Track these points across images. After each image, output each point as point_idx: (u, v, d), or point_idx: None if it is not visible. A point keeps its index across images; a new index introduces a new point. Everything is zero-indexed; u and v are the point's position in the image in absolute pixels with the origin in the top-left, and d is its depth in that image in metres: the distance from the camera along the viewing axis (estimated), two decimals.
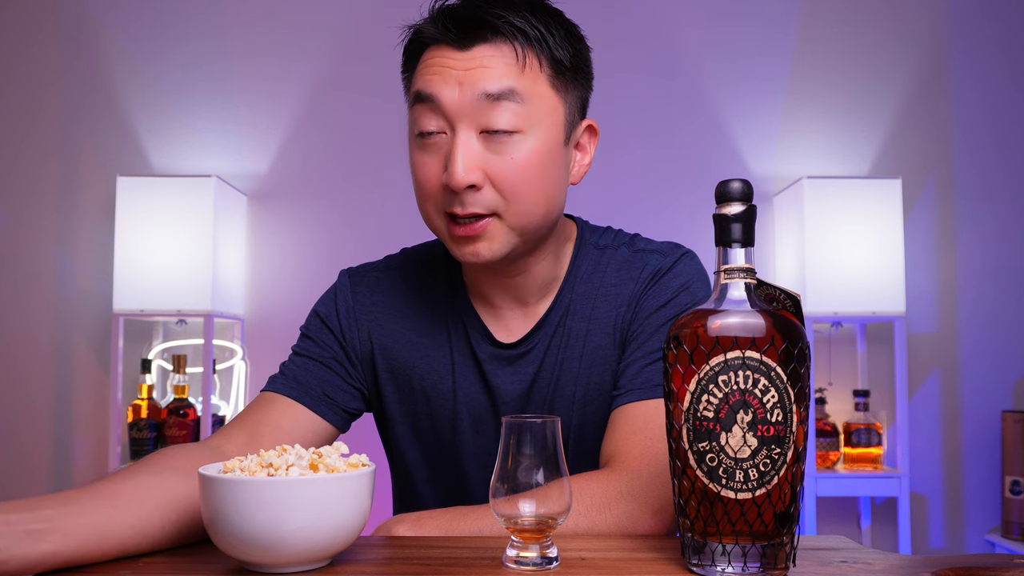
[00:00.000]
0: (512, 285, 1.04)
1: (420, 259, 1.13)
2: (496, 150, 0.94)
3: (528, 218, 0.96)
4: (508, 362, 1.05)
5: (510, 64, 0.94)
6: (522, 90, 0.94)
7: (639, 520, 0.87)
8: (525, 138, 0.94)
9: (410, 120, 0.98)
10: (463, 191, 0.93)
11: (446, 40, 0.95)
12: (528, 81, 0.94)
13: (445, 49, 0.95)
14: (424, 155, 0.96)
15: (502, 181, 0.94)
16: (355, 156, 2.61)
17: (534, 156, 0.95)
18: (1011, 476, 2.43)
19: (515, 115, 0.93)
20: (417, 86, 0.96)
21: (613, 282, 1.06)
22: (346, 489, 0.69)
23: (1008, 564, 0.72)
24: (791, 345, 0.67)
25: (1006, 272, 2.61)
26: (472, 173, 0.92)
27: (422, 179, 0.97)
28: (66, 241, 2.58)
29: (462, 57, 0.94)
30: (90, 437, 2.53)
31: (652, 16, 2.64)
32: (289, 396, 1.03)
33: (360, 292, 1.10)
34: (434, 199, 0.97)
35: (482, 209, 0.94)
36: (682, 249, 1.08)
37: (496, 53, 0.94)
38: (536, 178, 0.95)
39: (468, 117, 0.93)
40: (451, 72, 0.93)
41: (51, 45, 2.61)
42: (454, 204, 0.94)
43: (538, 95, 0.95)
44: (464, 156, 0.92)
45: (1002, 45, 2.65)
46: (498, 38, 0.94)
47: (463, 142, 0.93)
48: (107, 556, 0.72)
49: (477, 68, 0.93)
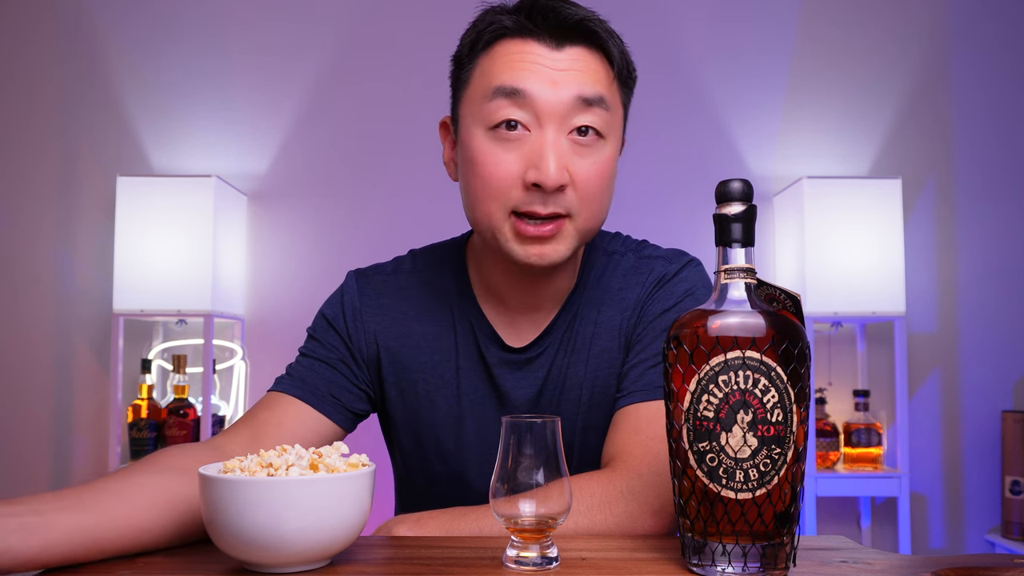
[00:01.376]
0: (533, 291, 1.04)
1: (428, 262, 1.12)
2: (581, 153, 0.94)
3: (594, 223, 0.98)
4: (518, 366, 1.05)
5: (603, 72, 0.95)
6: (610, 99, 0.95)
7: (639, 520, 0.87)
8: (606, 144, 0.96)
9: (479, 110, 0.95)
10: (551, 191, 0.92)
11: (536, 35, 0.93)
12: (612, 89, 0.96)
13: (533, 44, 0.93)
14: (499, 149, 0.93)
15: (584, 184, 0.94)
16: (355, 156, 2.60)
17: (609, 163, 0.97)
18: (1011, 476, 2.43)
19: (603, 120, 0.95)
20: (502, 79, 0.93)
21: (619, 287, 1.06)
22: (346, 489, 0.69)
23: (1008, 564, 0.72)
24: (791, 345, 0.67)
25: (1006, 272, 2.61)
26: (564, 173, 0.92)
27: (494, 174, 0.94)
28: (66, 241, 2.58)
29: (554, 56, 0.93)
30: (90, 437, 2.53)
31: (652, 15, 2.64)
32: (294, 395, 1.02)
33: (367, 294, 1.10)
34: (503, 196, 0.94)
35: (563, 210, 0.94)
36: (688, 256, 1.08)
37: (590, 59, 0.94)
38: (609, 185, 0.98)
39: (560, 117, 0.93)
40: (544, 69, 0.92)
41: (50, 45, 2.61)
42: (534, 203, 0.93)
43: (616, 104, 0.98)
44: (557, 154, 0.92)
45: (1002, 44, 2.65)
46: (591, 44, 0.95)
47: (554, 140, 0.92)
48: (104, 554, 0.72)
49: (573, 70, 0.93)
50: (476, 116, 0.95)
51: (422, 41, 2.60)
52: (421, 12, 2.61)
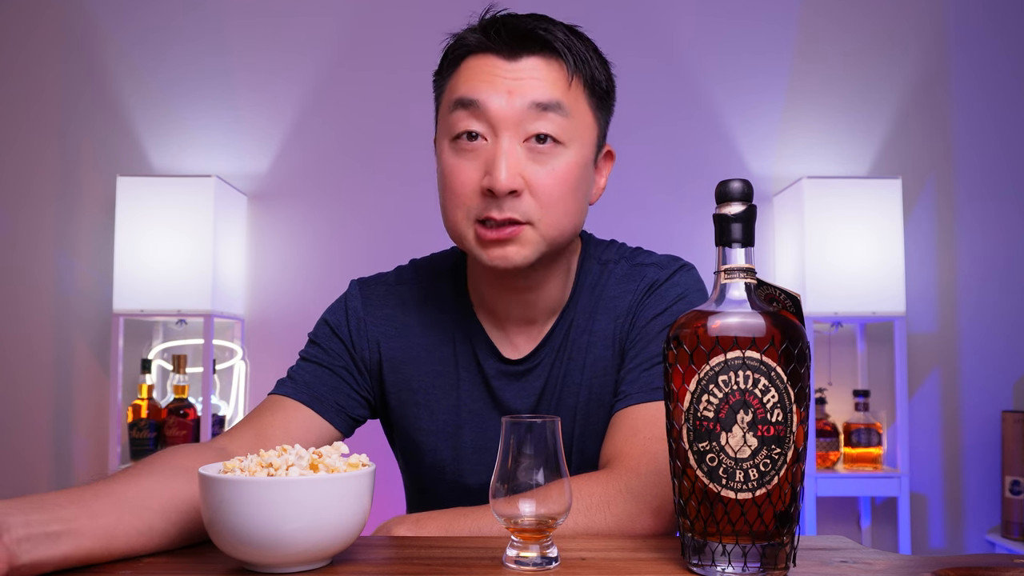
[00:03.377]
0: (524, 302, 1.05)
1: (429, 273, 1.14)
2: (537, 160, 0.95)
3: (559, 229, 0.98)
4: (516, 378, 1.06)
5: (559, 78, 0.96)
6: (568, 104, 0.96)
7: (638, 519, 0.87)
8: (566, 151, 0.96)
9: (445, 124, 0.99)
10: (503, 196, 0.94)
11: (494, 50, 0.96)
12: (572, 96, 0.97)
13: (492, 58, 0.96)
14: (460, 160, 0.97)
15: (541, 190, 0.95)
16: (355, 156, 2.60)
17: (572, 169, 0.97)
18: (1011, 476, 2.43)
19: (559, 126, 0.95)
20: (461, 91, 0.97)
21: (612, 295, 1.07)
22: (346, 489, 0.69)
23: (1008, 564, 0.72)
24: (791, 345, 0.67)
25: (1006, 272, 2.61)
26: (515, 179, 0.94)
27: (455, 184, 0.97)
28: (66, 241, 2.58)
29: (510, 67, 0.96)
30: (90, 437, 2.53)
31: (651, 16, 2.64)
32: (299, 400, 1.03)
33: (371, 304, 1.11)
34: (465, 205, 0.97)
35: (519, 216, 0.95)
36: (680, 262, 1.09)
37: (545, 66, 0.96)
38: (571, 191, 0.97)
39: (514, 124, 0.95)
40: (499, 80, 0.95)
41: (50, 44, 2.61)
42: (491, 209, 0.95)
43: (579, 111, 0.98)
44: (509, 161, 0.94)
45: (1002, 44, 2.65)
46: (547, 52, 0.96)
47: (507, 147, 0.94)
48: (114, 556, 0.72)
49: (527, 79, 0.95)
50: (443, 129, 1.00)
51: (422, 41, 2.59)
52: (422, 12, 2.61)
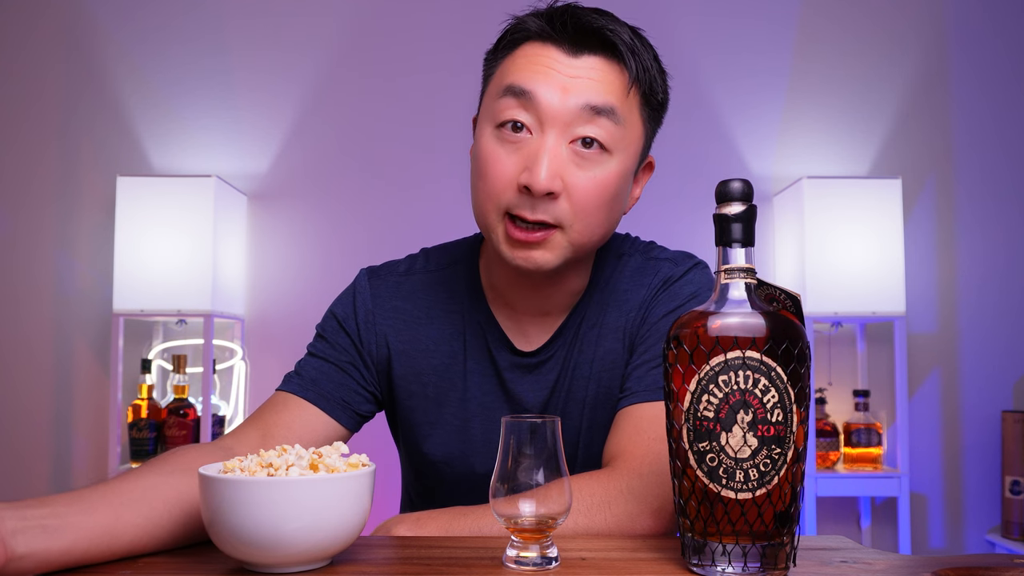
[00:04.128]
0: (542, 296, 1.04)
1: (441, 262, 1.12)
2: (581, 164, 0.93)
3: (589, 237, 0.96)
4: (528, 370, 1.05)
5: (618, 83, 0.93)
6: (621, 112, 0.93)
7: (638, 519, 0.87)
8: (611, 159, 0.94)
9: (491, 108, 0.96)
10: (540, 196, 0.91)
11: (555, 41, 0.93)
12: (628, 104, 0.94)
13: (552, 49, 0.93)
14: (501, 149, 0.94)
15: (579, 196, 0.93)
16: (355, 156, 2.60)
17: (612, 179, 0.94)
18: (1011, 476, 2.43)
19: (610, 133, 0.93)
20: (513, 78, 0.93)
21: (625, 288, 1.06)
22: (346, 489, 0.69)
23: (1008, 564, 0.72)
24: (791, 345, 0.67)
25: (1006, 272, 2.61)
26: (555, 180, 0.91)
27: (492, 173, 0.94)
28: (66, 241, 2.58)
29: (570, 62, 0.92)
30: (90, 437, 2.53)
31: (651, 16, 2.63)
32: (305, 398, 1.02)
33: (380, 296, 1.09)
34: (498, 197, 0.94)
35: (551, 218, 0.93)
36: (694, 259, 1.08)
37: (606, 68, 0.93)
38: (609, 201, 0.95)
39: (563, 123, 0.92)
40: (556, 74, 0.92)
41: (51, 45, 2.61)
42: (523, 207, 0.92)
43: (631, 121, 0.95)
44: (552, 160, 0.91)
45: (1002, 44, 2.65)
46: (610, 54, 0.93)
47: (553, 146, 0.91)
48: (115, 555, 0.72)
49: (585, 78, 0.92)
50: (488, 113, 0.96)
51: (423, 41, 2.59)
52: (422, 12, 2.61)
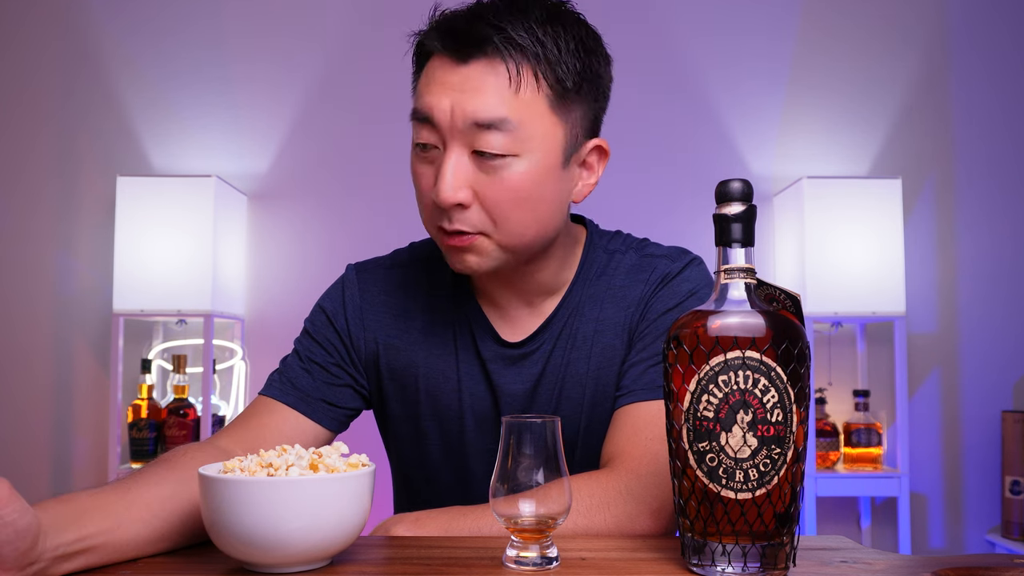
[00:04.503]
0: (518, 287, 1.04)
1: (427, 255, 1.12)
2: (487, 171, 0.92)
3: (518, 239, 0.95)
4: (512, 362, 1.05)
5: (503, 86, 0.90)
6: (515, 116, 0.90)
7: (638, 520, 0.87)
8: (518, 161, 0.92)
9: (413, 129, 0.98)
10: (450, 208, 0.93)
11: (446, 51, 0.92)
12: (522, 104, 0.91)
13: (445, 61, 0.93)
14: (422, 166, 0.96)
15: (491, 203, 0.92)
16: (355, 156, 2.60)
17: (525, 179, 0.92)
18: (1011, 476, 2.43)
19: (506, 140, 0.91)
20: (417, 102, 0.95)
21: (621, 284, 1.06)
22: (346, 489, 0.69)
23: (1008, 564, 0.72)
24: (791, 345, 0.67)
25: (1006, 272, 2.61)
26: (460, 192, 0.91)
27: (419, 190, 0.98)
28: (66, 241, 2.58)
29: (459, 73, 0.91)
30: (90, 437, 2.53)
31: (651, 17, 2.64)
32: (286, 403, 1.02)
33: (368, 291, 1.09)
34: (427, 212, 0.97)
35: (468, 228, 0.93)
36: (690, 255, 1.08)
37: (491, 72, 0.90)
38: (526, 201, 0.93)
39: (460, 137, 0.91)
40: (445, 90, 0.91)
41: (50, 45, 2.61)
42: (442, 219, 0.94)
43: (533, 118, 0.92)
44: (453, 175, 0.91)
45: (1002, 44, 2.65)
46: (494, 54, 0.90)
47: (453, 160, 0.92)
48: (125, 558, 0.73)
49: (470, 90, 0.90)
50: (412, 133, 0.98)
51: None
52: (422, 12, 2.61)
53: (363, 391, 1.09)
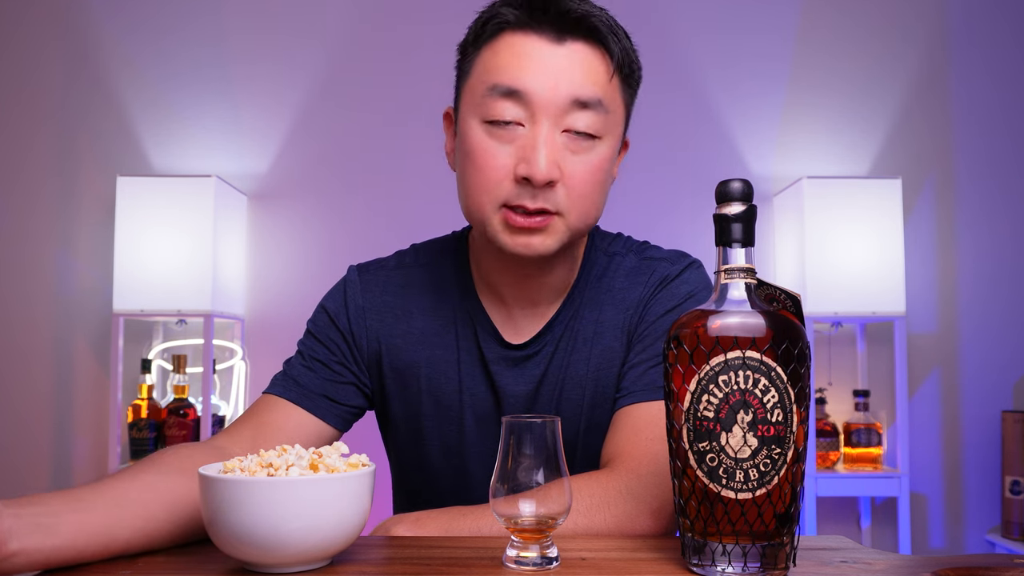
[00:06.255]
0: (530, 286, 1.04)
1: (430, 256, 1.12)
2: (574, 150, 0.93)
3: (585, 221, 0.97)
4: (514, 363, 1.05)
5: (602, 70, 0.94)
6: (607, 100, 0.94)
7: (637, 520, 0.87)
8: (601, 143, 0.95)
9: (476, 103, 0.95)
10: (542, 186, 0.92)
11: (536, 29, 0.93)
12: (612, 88, 0.95)
13: (533, 38, 0.93)
14: (493, 143, 0.94)
15: (576, 182, 0.94)
16: (355, 156, 2.60)
17: (605, 162, 0.96)
18: (1011, 476, 2.43)
19: (598, 121, 0.94)
20: (500, 77, 0.93)
21: (621, 287, 1.06)
22: (346, 489, 0.69)
23: (1008, 564, 0.72)
24: (791, 345, 0.67)
25: (1006, 272, 2.61)
26: (554, 169, 0.92)
27: (487, 167, 0.94)
28: (66, 241, 2.58)
29: (554, 52, 0.92)
30: (90, 437, 2.53)
31: (652, 17, 2.64)
32: (288, 399, 1.02)
33: (370, 292, 1.09)
34: (494, 190, 0.94)
35: (551, 206, 0.93)
36: (689, 258, 1.08)
37: (590, 55, 0.93)
38: (602, 183, 0.97)
39: (555, 114, 0.92)
40: (543, 67, 0.92)
41: (52, 45, 2.61)
42: (523, 197, 0.93)
43: (616, 103, 0.96)
44: (548, 151, 0.92)
45: (1002, 44, 2.65)
46: (593, 39, 0.93)
47: (547, 136, 0.92)
48: (112, 554, 0.72)
49: (572, 68, 0.92)
50: (474, 109, 0.95)
51: (423, 41, 2.59)
52: (422, 13, 2.61)
53: (366, 390, 1.09)
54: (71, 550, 0.69)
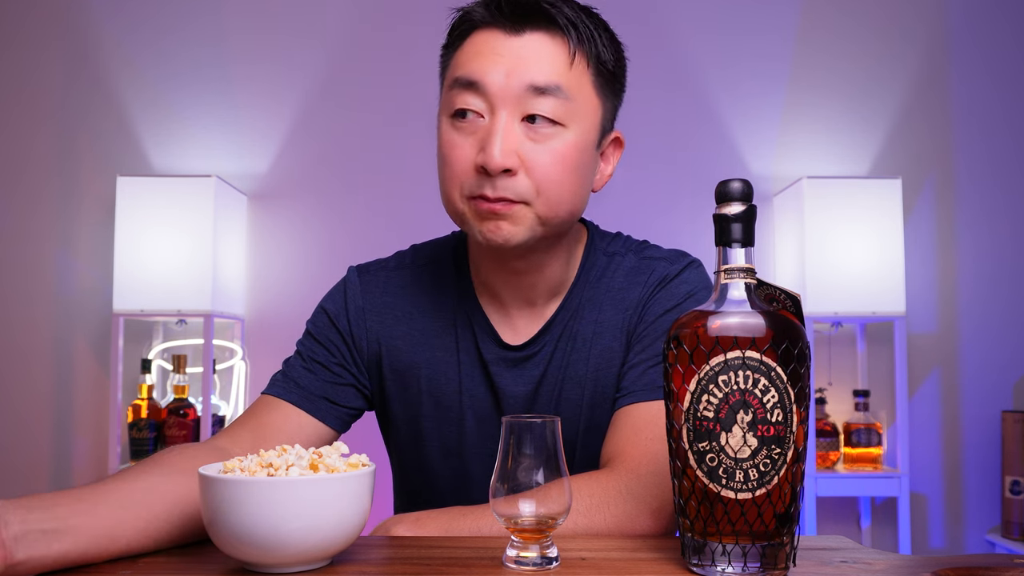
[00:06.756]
0: (524, 284, 1.04)
1: (430, 257, 1.12)
2: (535, 139, 0.94)
3: (555, 211, 0.96)
4: (514, 364, 1.05)
5: (561, 57, 0.94)
6: (568, 87, 0.94)
7: (637, 520, 0.87)
8: (566, 131, 0.95)
9: (445, 100, 0.97)
10: (497, 174, 0.92)
11: (497, 23, 0.94)
12: (574, 77, 0.95)
13: (495, 33, 0.95)
14: (457, 136, 0.95)
15: (538, 170, 0.94)
16: (355, 156, 2.60)
17: (571, 150, 0.95)
18: (1011, 476, 2.43)
19: (559, 108, 0.94)
20: (461, 71, 0.95)
21: (620, 286, 1.06)
22: (346, 489, 0.69)
23: (1008, 564, 0.72)
24: (791, 345, 0.67)
25: (1006, 272, 2.61)
26: (510, 157, 0.92)
27: (452, 160, 0.96)
28: (66, 241, 2.58)
29: (512, 43, 0.94)
30: (90, 437, 2.53)
31: (652, 17, 2.64)
32: (289, 401, 1.03)
33: (370, 293, 1.09)
34: (461, 182, 0.95)
35: (513, 195, 0.93)
36: (689, 257, 1.08)
37: (548, 43, 0.94)
38: (570, 172, 0.96)
39: (512, 103, 0.93)
40: (499, 57, 0.93)
41: (52, 45, 2.61)
42: (484, 187, 0.93)
43: (582, 92, 0.96)
44: (504, 139, 0.92)
45: (1003, 44, 2.65)
46: (551, 28, 0.94)
47: (504, 125, 0.92)
48: (113, 556, 0.72)
49: (527, 57, 0.93)
50: (443, 106, 0.98)
51: (423, 41, 2.59)
52: (421, 13, 2.61)
53: (365, 391, 1.09)
54: (75, 553, 0.69)
